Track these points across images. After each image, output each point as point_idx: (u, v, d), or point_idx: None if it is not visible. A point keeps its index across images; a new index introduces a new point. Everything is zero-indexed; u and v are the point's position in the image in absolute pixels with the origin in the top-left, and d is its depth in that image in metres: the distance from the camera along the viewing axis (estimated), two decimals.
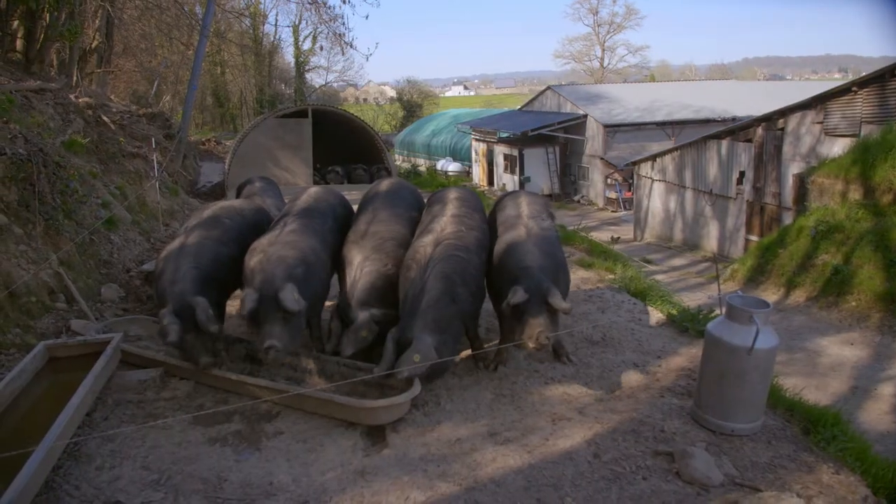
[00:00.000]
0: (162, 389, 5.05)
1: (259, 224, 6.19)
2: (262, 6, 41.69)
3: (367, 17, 58.13)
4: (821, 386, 8.21)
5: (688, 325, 6.38)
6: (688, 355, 5.79)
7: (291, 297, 4.76)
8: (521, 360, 5.63)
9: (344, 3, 21.72)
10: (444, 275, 4.87)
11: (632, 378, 5.37)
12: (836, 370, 8.88)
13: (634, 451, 4.27)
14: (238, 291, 5.91)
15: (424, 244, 5.13)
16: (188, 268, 5.17)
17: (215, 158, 25.06)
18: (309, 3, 21.79)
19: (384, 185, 6.56)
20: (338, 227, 6.05)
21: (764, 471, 4.07)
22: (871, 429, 7.05)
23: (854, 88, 15.47)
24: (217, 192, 16.36)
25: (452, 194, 6.07)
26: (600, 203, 29.95)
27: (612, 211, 28.75)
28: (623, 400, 4.99)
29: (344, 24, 34.64)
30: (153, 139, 12.69)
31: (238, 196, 7.91)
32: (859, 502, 3.77)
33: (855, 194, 12.66)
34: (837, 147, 15.42)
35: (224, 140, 31.14)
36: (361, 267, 5.40)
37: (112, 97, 19.92)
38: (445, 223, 5.38)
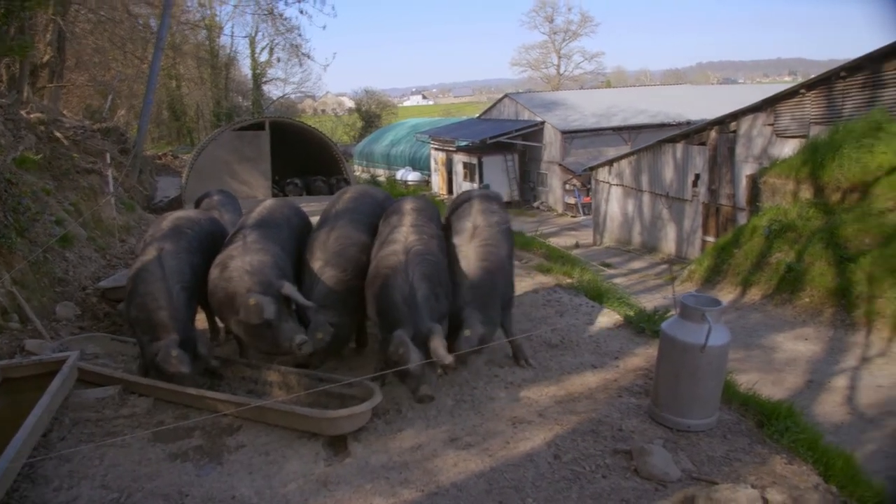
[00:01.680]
0: (121, 407, 4.99)
1: (214, 234, 6.15)
2: (217, 18, 41.28)
3: (324, 28, 58.02)
4: (777, 381, 8.38)
5: (644, 325, 6.48)
6: (644, 355, 5.89)
7: (298, 293, 5.01)
8: (481, 366, 5.66)
9: (301, 13, 21.68)
10: (426, 276, 4.99)
11: (590, 379, 5.44)
12: (792, 365, 9.08)
13: (594, 450, 4.35)
14: None
15: (395, 252, 5.16)
16: (179, 290, 5.16)
17: (172, 173, 24.76)
18: (265, 15, 21.70)
19: (348, 192, 6.58)
20: (294, 236, 6.03)
21: (720, 464, 4.17)
22: (826, 420, 7.24)
23: (802, 91, 15.84)
24: (174, 206, 16.15)
25: (408, 205, 6.08)
26: (559, 209, 30.24)
27: (572, 216, 29.03)
28: (582, 401, 5.06)
29: (300, 34, 34.44)
30: (108, 154, 12.53)
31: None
32: (811, 490, 3.89)
33: (806, 193, 12.97)
34: (788, 148, 15.77)
35: (181, 154, 30.77)
36: (322, 271, 5.43)
37: (65, 112, 19.56)
38: (406, 233, 5.42)
